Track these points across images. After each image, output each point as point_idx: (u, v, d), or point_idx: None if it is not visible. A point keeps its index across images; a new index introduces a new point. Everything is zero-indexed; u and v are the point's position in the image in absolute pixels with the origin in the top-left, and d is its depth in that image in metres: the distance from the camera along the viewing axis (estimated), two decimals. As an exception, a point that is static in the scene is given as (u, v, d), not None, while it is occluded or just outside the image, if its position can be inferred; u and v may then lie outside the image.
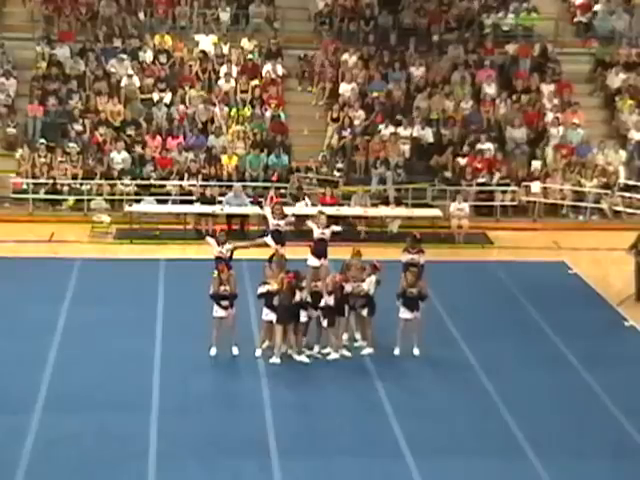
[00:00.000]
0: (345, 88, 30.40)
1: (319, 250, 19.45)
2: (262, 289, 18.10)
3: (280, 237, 19.91)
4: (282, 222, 20.04)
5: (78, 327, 19.17)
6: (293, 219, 20.88)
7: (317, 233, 19.64)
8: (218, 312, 18.05)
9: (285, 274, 18.03)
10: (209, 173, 27.71)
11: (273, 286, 17.95)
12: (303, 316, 18.07)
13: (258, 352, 18.12)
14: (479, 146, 28.85)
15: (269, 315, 18.03)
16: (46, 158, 27.71)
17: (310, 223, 19.95)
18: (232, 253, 19.29)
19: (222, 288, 18.05)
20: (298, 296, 17.95)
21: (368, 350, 18.41)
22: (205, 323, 18.16)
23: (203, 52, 31.20)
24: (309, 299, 18.09)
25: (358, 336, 18.80)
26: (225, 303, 18.01)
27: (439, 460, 14.71)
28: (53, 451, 14.63)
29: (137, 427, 15.40)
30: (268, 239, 20.04)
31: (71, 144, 28.01)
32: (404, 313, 18.26)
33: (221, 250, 19.17)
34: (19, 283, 21.39)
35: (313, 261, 19.36)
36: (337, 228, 20.27)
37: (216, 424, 15.62)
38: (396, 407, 16.34)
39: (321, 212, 20.45)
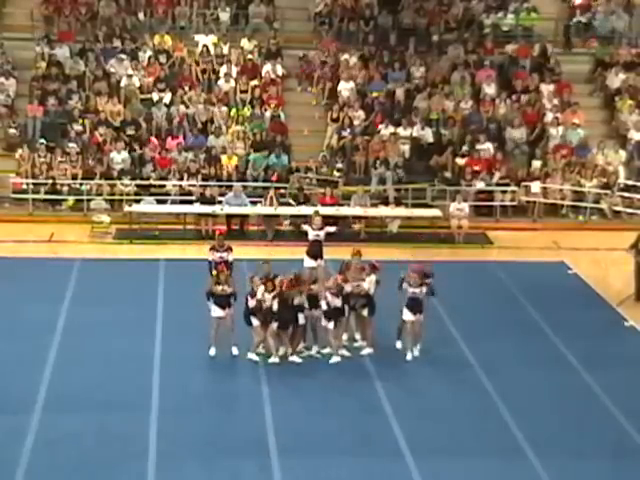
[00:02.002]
0: (344, 87, 30.41)
1: (314, 251, 19.41)
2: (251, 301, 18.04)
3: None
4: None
5: (78, 327, 19.16)
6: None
7: (312, 235, 19.60)
8: (216, 312, 18.03)
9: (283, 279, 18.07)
10: (209, 173, 27.73)
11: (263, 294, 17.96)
12: (301, 319, 18.07)
13: (252, 356, 18.07)
14: (478, 146, 28.86)
15: (256, 321, 18.02)
16: (46, 158, 27.71)
17: (305, 225, 19.90)
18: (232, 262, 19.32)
19: (220, 288, 18.01)
20: (297, 300, 17.94)
21: (368, 350, 18.40)
22: (205, 323, 18.16)
23: (203, 52, 31.19)
24: (306, 303, 18.05)
25: (358, 336, 18.78)
26: (223, 303, 17.99)
27: (439, 460, 14.70)
28: (53, 451, 14.62)
29: (137, 427, 15.39)
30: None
31: (71, 144, 28.01)
32: (407, 315, 18.23)
33: (221, 255, 19.13)
34: (19, 283, 21.39)
35: (309, 262, 19.33)
36: (331, 229, 20.21)
37: (216, 424, 15.61)
38: (396, 407, 16.34)
39: (316, 213, 20.41)
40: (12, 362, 17.53)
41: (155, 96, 29.98)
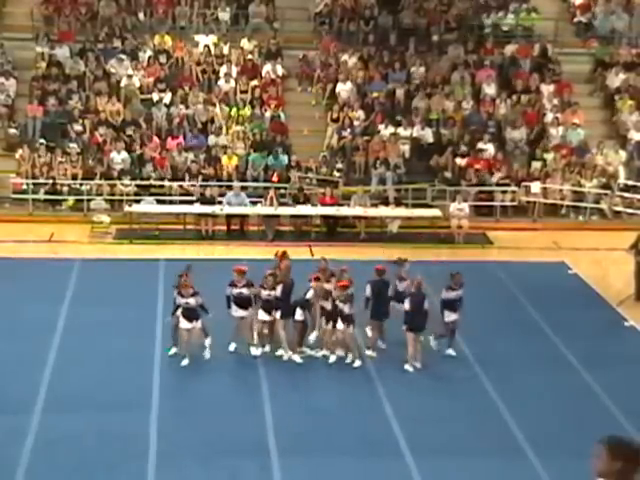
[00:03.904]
0: (342, 88, 30.41)
1: None
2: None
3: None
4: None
5: (78, 327, 19.15)
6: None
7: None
8: (185, 324, 17.71)
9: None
10: (209, 173, 27.71)
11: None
12: (299, 315, 18.06)
13: (232, 347, 18.21)
14: (480, 145, 28.82)
15: (239, 312, 18.17)
16: (46, 158, 27.71)
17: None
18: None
19: (184, 301, 17.68)
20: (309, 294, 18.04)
21: (369, 352, 18.37)
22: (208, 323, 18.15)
23: (203, 52, 31.20)
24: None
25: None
26: (191, 315, 17.63)
27: (439, 460, 14.70)
28: (53, 451, 14.63)
29: (137, 427, 15.40)
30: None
31: (71, 144, 28.00)
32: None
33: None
34: (19, 283, 21.38)
35: None
36: None
37: (216, 424, 15.61)
38: (396, 407, 16.33)
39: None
40: (12, 362, 17.53)
41: (155, 96, 29.98)
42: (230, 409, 16.18)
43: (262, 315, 18.18)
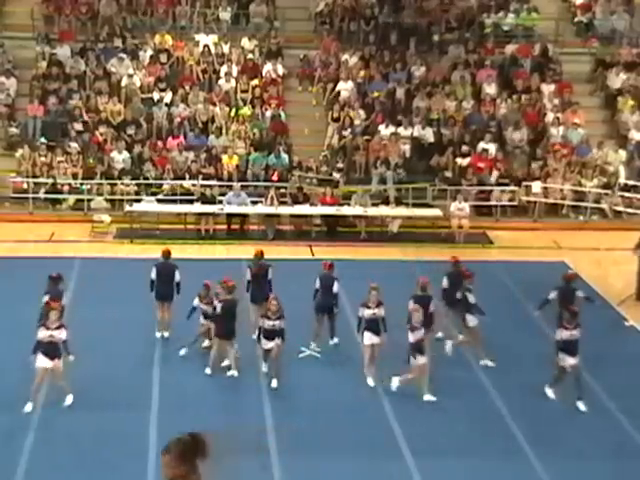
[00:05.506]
0: (343, 88, 30.41)
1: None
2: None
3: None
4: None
5: (78, 326, 19.09)
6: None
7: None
8: (41, 362, 15.77)
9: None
10: (209, 173, 27.71)
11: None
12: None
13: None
14: (482, 145, 28.81)
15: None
16: (46, 157, 27.71)
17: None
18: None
19: (48, 334, 15.81)
20: None
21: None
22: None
23: (203, 52, 31.21)
24: None
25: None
26: (52, 352, 15.74)
27: (439, 460, 14.70)
28: (53, 450, 14.63)
29: (137, 426, 15.40)
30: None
31: (72, 144, 28.00)
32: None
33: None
34: (19, 283, 21.34)
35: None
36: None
37: (215, 423, 15.58)
38: (396, 407, 16.32)
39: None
40: (12, 361, 17.50)
41: (156, 95, 30.00)
42: (229, 408, 16.17)
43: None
